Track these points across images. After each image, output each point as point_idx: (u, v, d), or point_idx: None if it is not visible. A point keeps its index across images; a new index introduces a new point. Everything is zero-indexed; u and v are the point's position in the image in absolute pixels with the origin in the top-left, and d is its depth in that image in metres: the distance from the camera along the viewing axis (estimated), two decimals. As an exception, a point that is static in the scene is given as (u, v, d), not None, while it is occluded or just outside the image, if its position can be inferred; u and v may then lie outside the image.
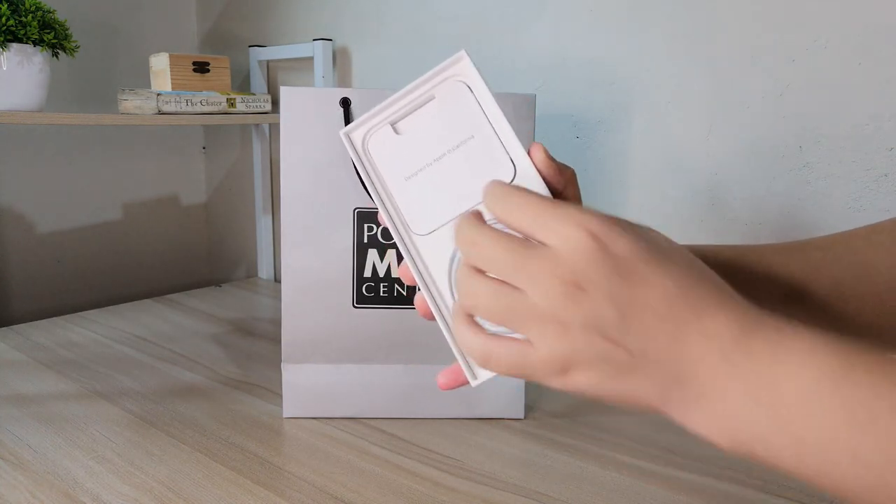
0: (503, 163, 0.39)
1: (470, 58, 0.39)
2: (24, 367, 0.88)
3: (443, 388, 0.41)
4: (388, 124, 0.40)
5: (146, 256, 1.42)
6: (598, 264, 0.29)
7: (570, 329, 0.30)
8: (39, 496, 0.59)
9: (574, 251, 0.29)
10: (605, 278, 0.29)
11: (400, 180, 0.40)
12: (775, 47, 0.77)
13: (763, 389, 0.29)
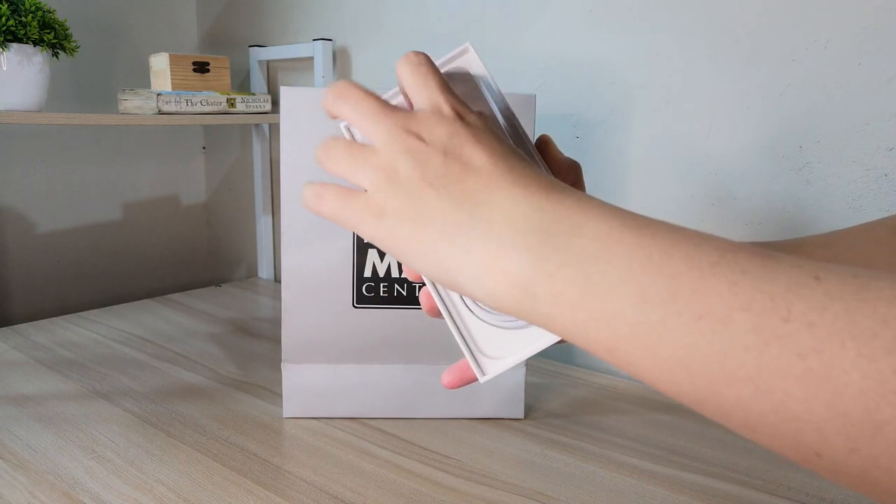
0: None
1: (475, 50, 0.39)
2: (24, 367, 0.88)
3: (448, 387, 0.41)
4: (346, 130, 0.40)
5: (146, 256, 1.43)
6: (449, 125, 0.33)
7: (399, 174, 0.32)
8: (39, 496, 0.59)
9: (434, 113, 0.33)
10: (448, 137, 0.32)
11: None
12: (775, 47, 0.77)
13: (561, 227, 0.29)
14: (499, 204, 0.30)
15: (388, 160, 0.33)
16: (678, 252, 0.27)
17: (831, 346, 0.22)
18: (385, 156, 0.33)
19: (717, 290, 0.25)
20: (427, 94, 0.34)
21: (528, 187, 0.31)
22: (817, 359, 0.22)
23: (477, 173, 0.31)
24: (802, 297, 0.23)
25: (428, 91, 0.34)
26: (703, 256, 0.26)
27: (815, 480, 0.63)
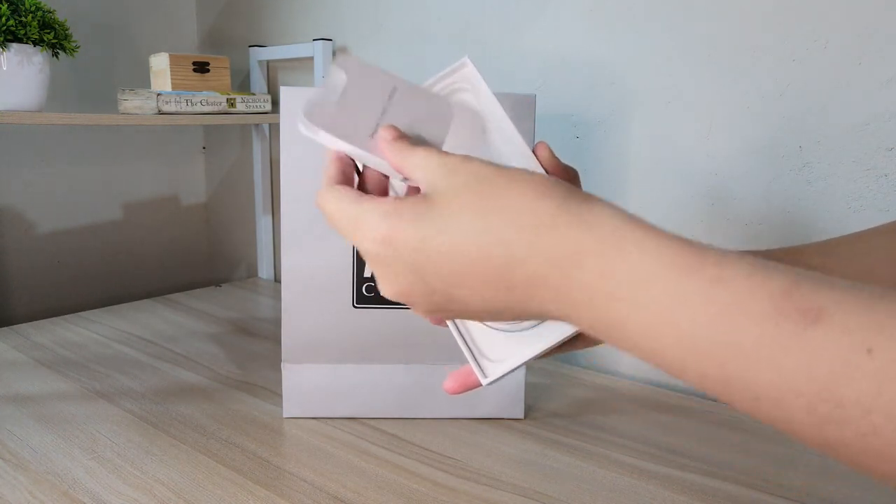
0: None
1: (473, 65, 0.39)
2: (24, 367, 0.88)
3: (450, 393, 0.42)
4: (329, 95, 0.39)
5: (146, 256, 1.42)
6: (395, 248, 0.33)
7: (386, 277, 0.35)
8: (39, 496, 0.59)
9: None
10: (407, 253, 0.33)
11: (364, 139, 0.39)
12: (775, 47, 0.77)
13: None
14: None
15: (372, 264, 0.35)
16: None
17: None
18: (370, 260, 0.35)
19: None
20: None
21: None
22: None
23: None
24: (854, 382, 0.24)
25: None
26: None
27: (815, 480, 0.63)
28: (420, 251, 0.32)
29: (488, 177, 0.33)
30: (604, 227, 0.30)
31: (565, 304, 0.31)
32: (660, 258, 0.28)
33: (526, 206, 0.31)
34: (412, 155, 0.36)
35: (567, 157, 0.95)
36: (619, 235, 0.30)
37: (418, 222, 0.32)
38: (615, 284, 0.29)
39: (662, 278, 0.28)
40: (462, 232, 0.32)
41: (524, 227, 0.31)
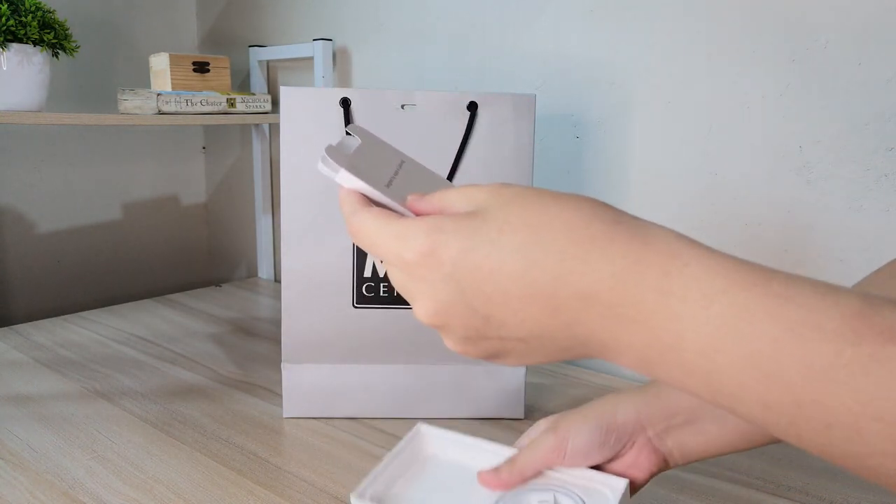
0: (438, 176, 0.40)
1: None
2: (24, 367, 0.88)
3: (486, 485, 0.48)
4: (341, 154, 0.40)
5: (146, 256, 1.43)
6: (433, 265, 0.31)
7: (424, 294, 0.32)
8: (39, 496, 0.59)
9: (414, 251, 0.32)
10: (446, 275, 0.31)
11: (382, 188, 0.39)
12: (775, 47, 0.77)
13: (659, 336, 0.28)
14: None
15: (404, 290, 0.33)
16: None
17: None
18: (401, 288, 0.34)
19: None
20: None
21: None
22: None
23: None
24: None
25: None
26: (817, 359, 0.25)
27: (815, 480, 0.63)
28: (462, 265, 0.30)
29: (535, 193, 0.31)
30: (662, 243, 0.28)
31: (617, 324, 0.28)
32: (723, 273, 0.27)
33: (579, 220, 0.29)
34: (448, 195, 0.34)
35: (567, 157, 0.95)
36: (678, 252, 0.28)
37: (462, 234, 0.30)
38: (676, 300, 0.27)
39: (726, 293, 0.26)
40: (509, 246, 0.30)
41: (578, 240, 0.29)
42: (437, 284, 0.31)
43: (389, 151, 0.41)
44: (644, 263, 0.28)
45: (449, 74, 1.06)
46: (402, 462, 0.51)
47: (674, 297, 0.27)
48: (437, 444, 0.54)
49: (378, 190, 0.38)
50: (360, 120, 0.70)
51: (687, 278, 0.27)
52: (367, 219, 0.34)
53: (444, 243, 0.30)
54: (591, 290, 0.28)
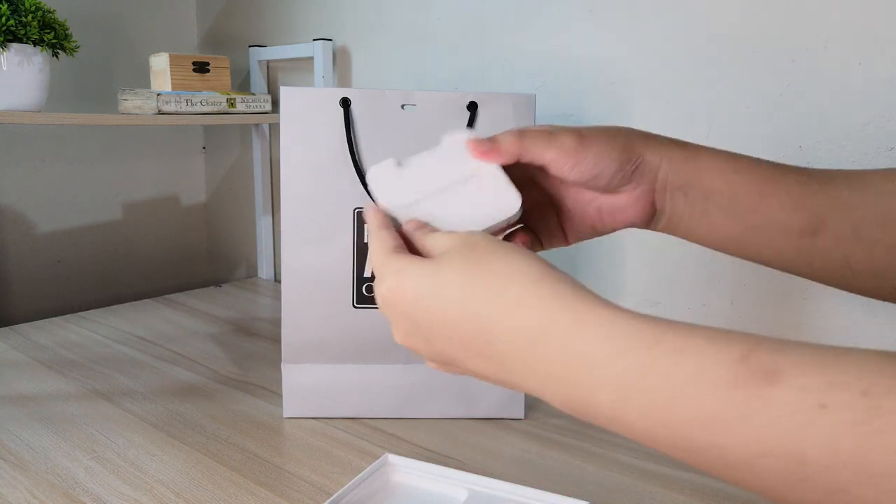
0: (509, 196, 0.42)
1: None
2: (24, 367, 0.88)
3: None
4: (395, 162, 0.45)
5: (146, 256, 1.43)
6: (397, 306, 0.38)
7: (393, 324, 0.39)
8: (39, 496, 0.59)
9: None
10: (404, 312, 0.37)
11: (399, 207, 0.44)
12: (775, 47, 0.77)
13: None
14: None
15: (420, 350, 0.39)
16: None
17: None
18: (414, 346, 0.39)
19: None
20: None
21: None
22: None
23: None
24: (811, 438, 0.25)
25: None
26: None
27: (815, 480, 0.63)
28: (416, 308, 0.36)
29: (483, 249, 0.36)
30: (568, 304, 0.32)
31: (538, 379, 0.32)
32: (623, 333, 0.30)
33: (506, 282, 0.33)
34: (435, 237, 0.39)
35: (567, 157, 0.95)
36: (582, 312, 0.31)
37: (418, 281, 0.36)
38: (580, 360, 0.30)
39: (626, 353, 0.29)
40: (449, 297, 0.35)
41: (503, 303, 0.33)
42: (400, 317, 0.37)
43: (469, 167, 0.43)
44: (551, 328, 0.31)
45: (449, 74, 1.06)
46: (368, 488, 0.54)
47: (579, 357, 0.30)
48: (404, 473, 0.57)
49: (396, 212, 0.43)
50: (360, 120, 0.70)
51: (590, 339, 0.30)
52: (372, 242, 0.40)
53: (402, 287, 0.36)
54: (515, 346, 0.32)
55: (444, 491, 0.55)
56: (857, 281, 0.44)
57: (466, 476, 0.56)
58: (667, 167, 0.44)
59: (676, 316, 0.86)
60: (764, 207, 0.43)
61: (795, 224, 0.43)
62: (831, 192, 0.43)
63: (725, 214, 0.44)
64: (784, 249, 0.44)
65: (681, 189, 0.45)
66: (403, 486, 0.56)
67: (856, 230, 0.42)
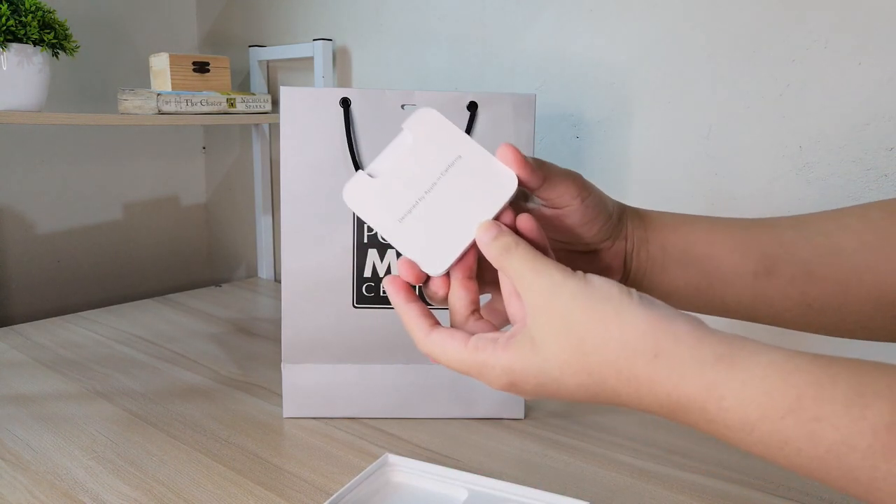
0: (500, 171, 0.39)
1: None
2: (24, 367, 0.88)
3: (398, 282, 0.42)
4: (366, 175, 0.40)
5: (146, 256, 1.42)
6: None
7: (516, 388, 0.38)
8: (39, 496, 0.59)
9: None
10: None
11: (393, 223, 0.39)
12: (775, 47, 0.77)
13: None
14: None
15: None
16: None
17: None
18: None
19: None
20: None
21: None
22: None
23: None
24: None
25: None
26: None
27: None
28: (540, 392, 0.36)
29: (580, 324, 0.34)
30: (697, 376, 0.32)
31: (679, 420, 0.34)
32: (756, 401, 0.30)
33: (625, 360, 0.33)
34: (511, 263, 0.37)
35: (567, 157, 0.95)
36: (713, 383, 0.31)
37: (533, 373, 0.36)
38: (721, 427, 0.31)
39: (764, 425, 0.30)
40: (573, 385, 0.35)
41: (626, 380, 0.33)
42: (524, 395, 0.38)
43: (450, 143, 0.39)
44: (685, 402, 0.32)
45: (449, 74, 1.06)
46: (368, 488, 0.54)
47: (718, 424, 0.31)
48: (404, 473, 0.56)
49: (388, 232, 0.39)
50: (360, 120, 0.70)
51: (725, 412, 0.31)
52: (440, 351, 0.38)
53: (521, 380, 0.36)
54: (650, 411, 0.34)
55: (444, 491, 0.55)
56: (818, 319, 0.45)
57: (466, 476, 0.56)
58: (630, 223, 0.46)
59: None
60: (715, 253, 0.45)
61: (748, 266, 0.44)
62: (776, 235, 0.45)
63: (681, 266, 0.46)
64: (742, 293, 0.45)
65: (643, 244, 0.46)
66: (403, 486, 0.56)
67: (806, 267, 0.44)
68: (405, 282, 0.40)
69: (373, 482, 0.55)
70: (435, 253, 0.39)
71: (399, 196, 0.39)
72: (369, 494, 0.54)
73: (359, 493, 0.54)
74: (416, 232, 0.39)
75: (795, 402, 0.29)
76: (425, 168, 0.39)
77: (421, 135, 0.40)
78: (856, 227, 0.44)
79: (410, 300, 0.39)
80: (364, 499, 0.54)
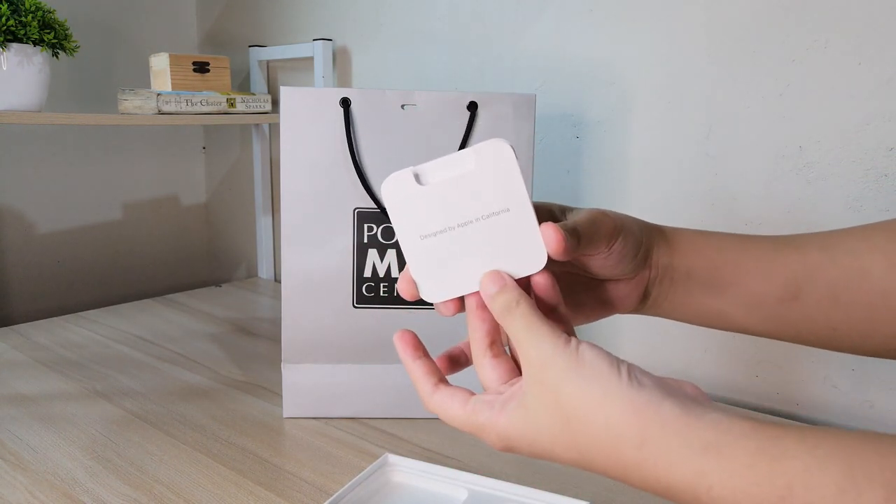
0: (535, 245, 0.37)
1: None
2: (24, 367, 0.88)
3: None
4: (413, 175, 0.38)
5: (146, 256, 1.43)
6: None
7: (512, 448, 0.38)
8: (39, 496, 0.59)
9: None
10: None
11: (414, 238, 0.38)
12: (775, 47, 0.77)
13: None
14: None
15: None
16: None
17: None
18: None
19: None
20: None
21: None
22: None
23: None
24: None
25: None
26: None
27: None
28: (535, 451, 0.37)
29: (569, 403, 0.35)
30: (685, 463, 0.32)
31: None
32: (745, 491, 0.30)
33: (612, 446, 0.35)
34: (512, 322, 0.37)
35: (567, 157, 0.95)
36: (702, 471, 0.31)
37: (528, 442, 0.37)
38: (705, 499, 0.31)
39: (747, 493, 0.29)
40: (565, 458, 0.37)
41: (616, 464, 0.35)
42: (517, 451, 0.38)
43: (507, 189, 0.37)
44: (674, 490, 0.33)
45: (449, 74, 1.06)
46: (368, 488, 0.54)
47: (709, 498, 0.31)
48: (404, 473, 0.56)
49: (407, 248, 0.39)
50: (360, 120, 0.70)
51: (715, 500, 0.31)
52: (439, 410, 0.39)
53: (516, 445, 0.37)
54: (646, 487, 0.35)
55: (444, 491, 0.55)
56: (843, 342, 0.45)
57: (466, 476, 0.56)
58: (657, 250, 0.45)
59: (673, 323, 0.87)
60: (741, 279, 0.44)
61: (773, 292, 0.44)
62: (802, 256, 0.44)
63: (706, 291, 0.45)
64: (767, 318, 0.45)
65: (667, 271, 0.45)
66: (403, 486, 0.56)
67: (831, 291, 0.43)
68: (413, 338, 0.40)
69: (373, 482, 0.55)
70: (437, 284, 0.39)
71: (433, 215, 0.38)
72: (369, 494, 0.54)
73: (359, 493, 0.54)
74: (431, 256, 0.38)
75: (786, 490, 0.28)
76: (470, 203, 0.38)
77: (484, 166, 0.37)
78: (885, 248, 0.42)
79: (417, 357, 0.39)
80: (364, 499, 0.54)
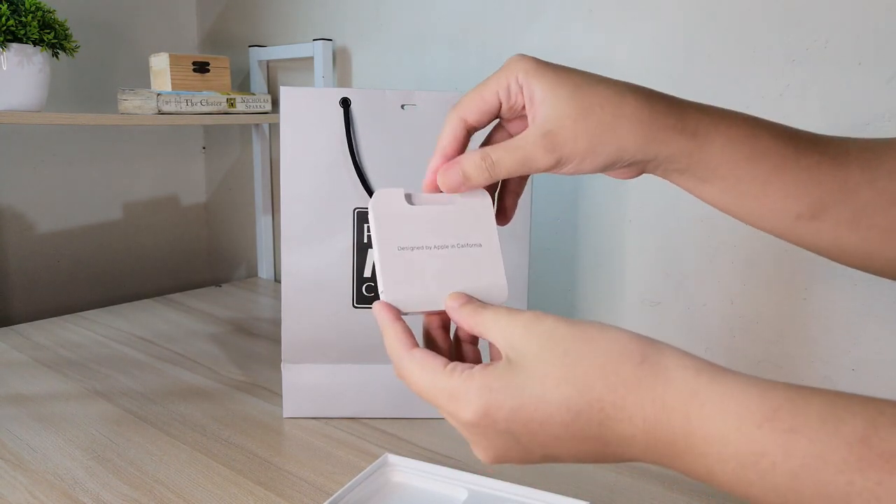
0: (498, 281, 0.42)
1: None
2: (24, 367, 0.88)
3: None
4: (405, 194, 0.42)
5: (146, 256, 1.43)
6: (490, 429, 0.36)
7: (481, 444, 0.37)
8: (39, 496, 0.59)
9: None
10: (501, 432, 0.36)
11: (392, 248, 0.41)
12: (775, 47, 0.77)
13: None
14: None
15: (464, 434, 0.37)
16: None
17: None
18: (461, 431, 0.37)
19: None
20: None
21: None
22: None
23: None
24: None
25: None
26: None
27: (814, 480, 0.63)
28: (515, 421, 0.34)
29: (565, 337, 0.34)
30: (681, 381, 0.32)
31: (656, 457, 0.33)
32: (734, 410, 0.30)
33: (611, 365, 0.33)
34: (483, 317, 0.38)
35: (567, 157, 0.95)
36: (695, 390, 0.31)
37: (510, 393, 0.34)
38: (700, 440, 0.31)
39: (741, 434, 0.30)
40: (554, 401, 0.33)
41: (612, 386, 0.33)
42: (494, 439, 0.35)
43: (483, 232, 0.42)
44: (669, 408, 0.32)
45: (449, 74, 1.06)
46: (367, 488, 0.54)
47: (697, 437, 0.31)
48: (404, 473, 0.56)
49: (382, 255, 0.40)
50: (360, 120, 0.70)
51: (705, 419, 0.31)
52: (414, 371, 0.37)
53: (496, 404, 0.34)
54: (630, 433, 0.33)
55: (444, 491, 0.55)
56: (843, 258, 0.44)
57: (466, 476, 0.56)
58: (673, 159, 0.42)
59: (676, 316, 0.87)
60: (767, 195, 0.42)
61: (795, 209, 0.42)
62: (843, 174, 0.41)
63: (723, 193, 0.43)
64: (777, 229, 0.43)
65: (678, 171, 0.43)
66: (403, 486, 0.56)
67: (855, 215, 0.41)
68: (395, 308, 0.41)
69: (372, 482, 0.55)
70: (402, 293, 0.40)
71: (415, 232, 0.41)
72: (369, 494, 0.54)
73: (359, 493, 0.54)
74: (402, 267, 0.41)
75: (772, 412, 0.29)
76: (448, 231, 0.42)
77: (467, 206, 0.43)
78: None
79: (397, 319, 0.40)
80: (364, 499, 0.54)
